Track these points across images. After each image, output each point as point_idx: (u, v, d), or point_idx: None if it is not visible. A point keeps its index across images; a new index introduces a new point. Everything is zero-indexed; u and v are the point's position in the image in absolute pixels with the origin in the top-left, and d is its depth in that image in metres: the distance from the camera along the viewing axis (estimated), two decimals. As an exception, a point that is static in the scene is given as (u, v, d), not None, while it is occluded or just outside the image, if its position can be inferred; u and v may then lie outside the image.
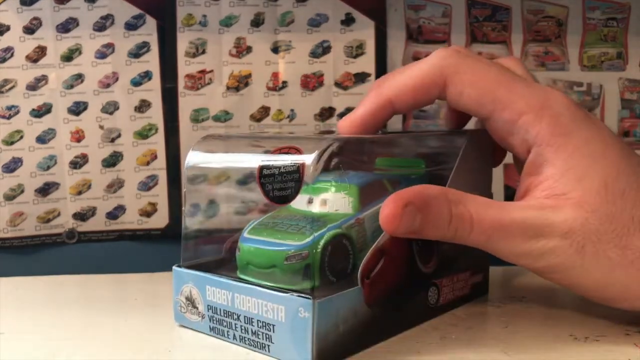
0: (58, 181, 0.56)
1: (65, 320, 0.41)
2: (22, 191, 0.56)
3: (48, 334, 0.39)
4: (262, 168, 0.34)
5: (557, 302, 0.44)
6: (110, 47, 0.55)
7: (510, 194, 0.58)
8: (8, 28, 0.54)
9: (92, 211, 0.57)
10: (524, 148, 0.37)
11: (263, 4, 0.56)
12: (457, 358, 0.34)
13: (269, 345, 0.34)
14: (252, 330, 0.35)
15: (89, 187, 0.56)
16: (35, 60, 0.55)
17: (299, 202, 0.37)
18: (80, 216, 0.56)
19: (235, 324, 0.35)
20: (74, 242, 0.57)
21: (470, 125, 0.45)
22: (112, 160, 0.56)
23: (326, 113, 0.57)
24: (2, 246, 0.56)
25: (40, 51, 0.55)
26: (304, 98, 0.57)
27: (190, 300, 0.38)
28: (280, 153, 0.34)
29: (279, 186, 0.34)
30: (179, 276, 0.39)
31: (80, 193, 0.56)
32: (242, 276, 0.36)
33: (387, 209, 0.34)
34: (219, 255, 0.41)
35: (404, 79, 0.38)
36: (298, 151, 0.34)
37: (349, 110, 0.57)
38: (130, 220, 0.57)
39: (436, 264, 0.40)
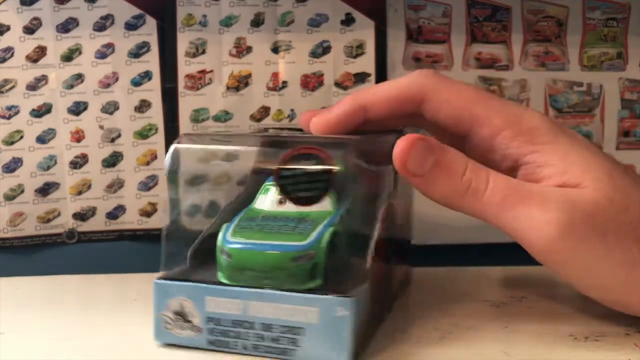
0: (58, 181, 0.56)
1: (65, 320, 0.41)
2: (22, 191, 0.56)
3: (48, 334, 0.39)
4: (280, 169, 0.34)
5: (557, 302, 0.44)
6: (110, 47, 0.55)
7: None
8: (8, 28, 0.54)
9: (92, 211, 0.57)
10: (507, 164, 0.36)
11: (263, 4, 0.56)
12: (457, 358, 0.34)
13: (293, 350, 0.33)
14: (271, 337, 0.34)
15: (89, 187, 0.56)
16: (35, 60, 0.55)
17: (266, 203, 0.37)
18: (80, 216, 0.56)
19: (247, 334, 0.34)
20: (74, 242, 0.57)
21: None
22: (112, 160, 0.56)
23: (326, 113, 0.57)
24: (2, 246, 0.56)
25: (40, 51, 0.55)
26: (304, 98, 0.57)
27: (180, 315, 0.35)
28: (300, 154, 0.34)
29: (304, 187, 0.34)
30: (164, 290, 0.35)
31: (80, 193, 0.56)
32: (231, 282, 0.35)
33: (401, 142, 0.34)
34: (182, 264, 0.38)
35: (382, 89, 0.39)
36: (320, 152, 0.34)
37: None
38: (130, 220, 0.57)
39: (396, 257, 0.42)
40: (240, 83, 0.57)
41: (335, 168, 0.35)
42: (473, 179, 0.34)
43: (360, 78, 0.57)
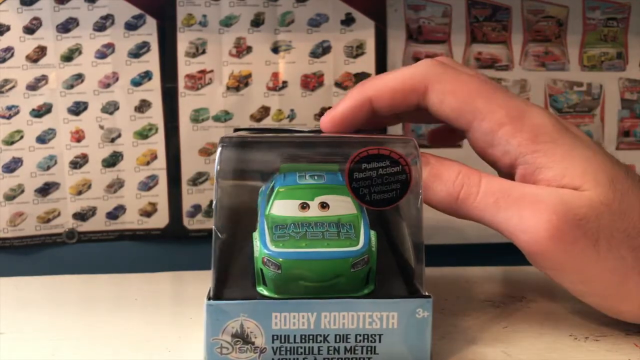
0: (58, 181, 0.56)
1: (65, 320, 0.41)
2: (22, 191, 0.56)
3: (48, 334, 0.39)
4: (352, 171, 0.33)
5: (557, 302, 0.44)
6: (110, 47, 0.55)
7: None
8: (8, 28, 0.54)
9: (92, 211, 0.57)
10: (506, 160, 0.36)
11: (263, 4, 0.56)
12: (457, 358, 0.34)
13: (369, 358, 0.32)
14: (345, 348, 0.32)
15: (89, 187, 0.56)
16: (35, 60, 0.55)
17: (286, 209, 0.35)
18: (80, 216, 0.56)
19: (320, 347, 0.32)
20: (74, 242, 0.57)
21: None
22: (112, 160, 0.56)
23: (326, 113, 0.57)
24: (2, 246, 0.56)
25: (40, 51, 0.55)
26: (304, 98, 0.57)
27: (240, 337, 0.32)
28: (368, 155, 0.33)
29: (380, 189, 0.33)
30: (220, 311, 0.32)
31: (80, 193, 0.56)
32: (279, 296, 0.33)
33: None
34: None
35: (385, 80, 0.38)
36: (391, 152, 0.33)
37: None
38: (130, 220, 0.57)
39: None
40: (240, 83, 0.57)
41: (414, 168, 0.34)
42: (465, 183, 0.35)
43: (360, 78, 0.57)
